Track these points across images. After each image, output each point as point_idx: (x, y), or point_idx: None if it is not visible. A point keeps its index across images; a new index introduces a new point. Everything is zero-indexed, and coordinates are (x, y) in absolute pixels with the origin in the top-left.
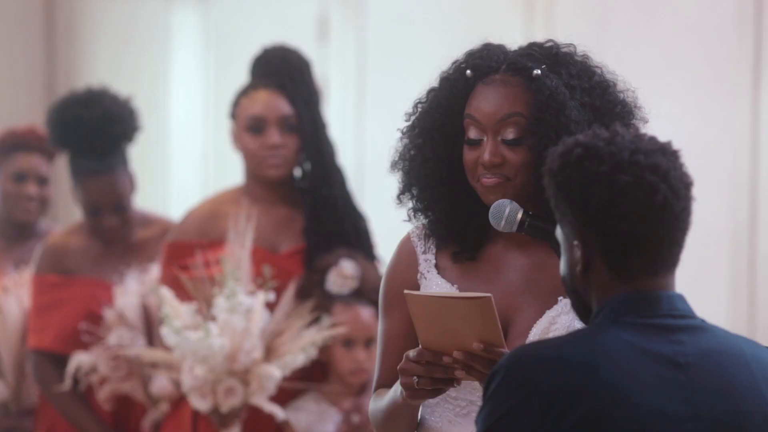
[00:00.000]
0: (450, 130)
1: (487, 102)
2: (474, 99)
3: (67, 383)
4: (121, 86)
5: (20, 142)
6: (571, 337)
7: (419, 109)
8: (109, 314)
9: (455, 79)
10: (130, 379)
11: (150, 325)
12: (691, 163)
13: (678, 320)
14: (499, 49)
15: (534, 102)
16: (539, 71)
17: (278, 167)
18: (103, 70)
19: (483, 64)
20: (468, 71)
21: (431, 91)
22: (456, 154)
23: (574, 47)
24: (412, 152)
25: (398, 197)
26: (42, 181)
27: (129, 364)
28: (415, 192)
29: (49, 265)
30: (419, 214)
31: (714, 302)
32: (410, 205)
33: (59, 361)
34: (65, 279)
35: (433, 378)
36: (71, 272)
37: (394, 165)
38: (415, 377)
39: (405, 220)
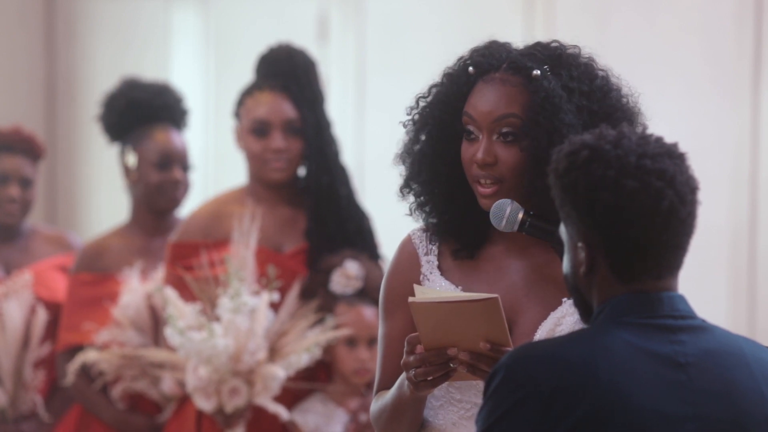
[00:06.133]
0: (450, 126)
1: (484, 100)
2: (473, 96)
3: (70, 378)
4: None
5: (4, 143)
6: (572, 337)
7: (420, 104)
8: (115, 312)
9: (457, 75)
10: (143, 378)
11: (157, 324)
12: (691, 163)
13: (678, 321)
14: (503, 47)
15: (530, 103)
16: (539, 72)
17: (281, 171)
18: (103, 70)
19: (484, 62)
20: (470, 68)
21: (433, 86)
22: (455, 150)
23: (579, 49)
24: (410, 146)
25: (400, 191)
26: (25, 183)
27: (140, 364)
28: (414, 186)
29: (84, 264)
30: (419, 209)
31: (714, 302)
32: (411, 199)
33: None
34: (99, 277)
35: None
36: (106, 270)
37: (398, 158)
38: (412, 370)
39: (407, 214)
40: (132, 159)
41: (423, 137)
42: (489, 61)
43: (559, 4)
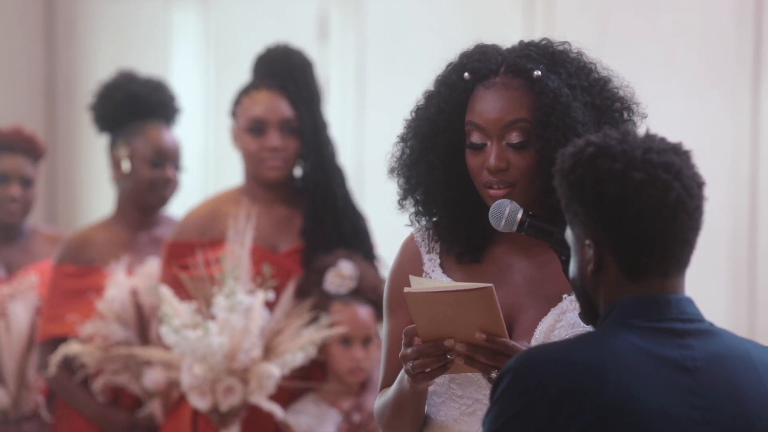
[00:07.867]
0: (452, 135)
1: (490, 108)
2: (476, 104)
3: (52, 370)
4: None
5: (5, 142)
6: (580, 340)
7: (418, 115)
8: (100, 306)
9: (454, 82)
10: (125, 372)
11: (142, 319)
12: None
13: (687, 324)
14: (495, 49)
15: (538, 105)
16: (539, 72)
17: (277, 169)
18: (103, 70)
19: (482, 67)
20: (466, 74)
21: (430, 96)
22: (459, 158)
23: (569, 44)
24: (414, 158)
25: (399, 203)
26: (26, 182)
27: (122, 357)
28: (418, 197)
29: (68, 256)
30: (422, 219)
31: (714, 302)
32: (412, 210)
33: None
34: (83, 270)
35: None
36: (90, 263)
37: (392, 171)
38: (410, 363)
39: (407, 225)
40: (123, 153)
41: (426, 148)
42: (485, 65)
43: (559, 4)
